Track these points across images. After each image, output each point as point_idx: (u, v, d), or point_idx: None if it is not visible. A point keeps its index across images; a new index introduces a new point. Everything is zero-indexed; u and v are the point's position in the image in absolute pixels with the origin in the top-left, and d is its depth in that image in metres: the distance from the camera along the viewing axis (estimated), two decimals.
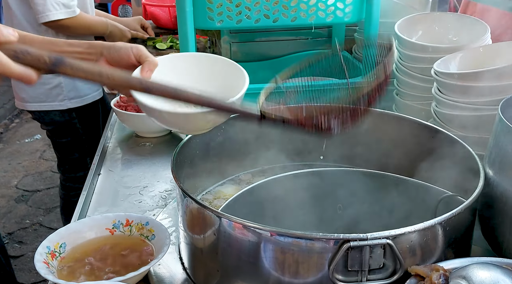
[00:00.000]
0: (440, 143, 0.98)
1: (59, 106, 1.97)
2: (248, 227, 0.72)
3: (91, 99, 2.04)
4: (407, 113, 1.14)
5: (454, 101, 1.05)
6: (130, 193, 1.13)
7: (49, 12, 1.77)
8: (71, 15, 1.82)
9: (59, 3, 1.78)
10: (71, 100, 1.98)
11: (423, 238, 0.70)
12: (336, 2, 1.26)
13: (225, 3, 1.21)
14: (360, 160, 1.10)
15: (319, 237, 0.67)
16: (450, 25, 1.29)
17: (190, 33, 1.23)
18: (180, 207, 0.84)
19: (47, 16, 1.78)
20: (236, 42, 1.64)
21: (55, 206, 3.00)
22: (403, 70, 1.27)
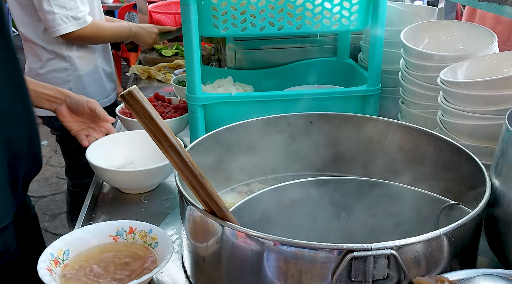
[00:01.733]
0: (446, 152, 0.98)
1: None
2: (251, 236, 0.71)
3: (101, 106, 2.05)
4: (412, 122, 1.13)
5: (460, 110, 1.04)
6: (134, 200, 1.13)
7: (59, 27, 1.79)
8: (82, 26, 1.83)
9: (68, 16, 1.79)
10: None
11: (428, 249, 0.69)
12: (342, 10, 1.25)
13: (230, 11, 1.21)
14: (364, 168, 1.10)
15: (323, 247, 0.67)
16: (457, 34, 1.28)
17: (194, 41, 1.23)
18: (183, 215, 0.84)
19: (58, 30, 1.80)
20: (241, 50, 1.64)
21: (61, 212, 3.01)
22: (409, 78, 1.26)
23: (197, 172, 0.73)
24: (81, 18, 1.82)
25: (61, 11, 1.78)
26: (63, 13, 1.78)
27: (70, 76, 1.93)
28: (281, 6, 1.22)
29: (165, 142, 0.70)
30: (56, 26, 1.79)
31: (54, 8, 1.77)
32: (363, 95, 1.35)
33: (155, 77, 2.10)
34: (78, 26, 1.82)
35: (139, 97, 0.67)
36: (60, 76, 1.92)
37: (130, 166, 1.17)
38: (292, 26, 1.26)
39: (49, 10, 1.77)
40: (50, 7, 1.76)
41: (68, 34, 1.81)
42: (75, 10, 1.80)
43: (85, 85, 1.96)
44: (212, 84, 1.56)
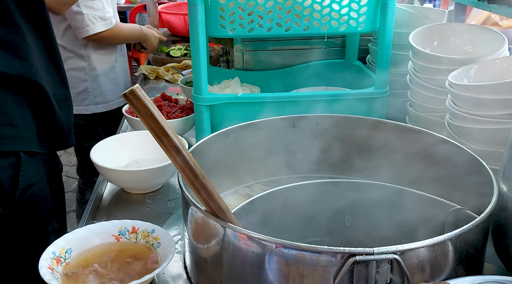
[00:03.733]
0: (453, 156, 0.96)
1: (84, 110, 2.01)
2: (253, 238, 0.70)
3: (115, 105, 2.07)
4: (420, 125, 1.12)
5: (468, 114, 1.02)
6: (138, 199, 1.13)
7: (87, 27, 1.81)
8: (109, 27, 1.86)
9: (96, 17, 1.82)
10: (96, 106, 2.02)
11: (432, 254, 0.67)
12: (350, 12, 1.24)
13: (237, 11, 1.21)
14: (370, 171, 1.08)
15: (325, 250, 0.66)
16: (467, 37, 1.26)
17: (201, 41, 1.22)
18: (185, 215, 0.83)
19: (87, 31, 1.82)
20: (248, 51, 1.63)
21: (69, 210, 3.02)
22: (417, 81, 1.25)
23: (199, 172, 0.72)
24: (107, 19, 1.85)
25: (90, 12, 1.80)
26: (91, 14, 1.81)
27: (87, 75, 1.95)
28: (289, 7, 1.21)
29: (167, 141, 0.70)
30: (84, 26, 1.81)
31: (82, 9, 1.79)
32: (370, 98, 1.33)
33: (163, 77, 2.10)
34: (105, 27, 1.85)
35: (142, 96, 0.67)
36: (78, 75, 1.94)
37: (134, 165, 1.17)
38: (299, 27, 1.25)
39: (77, 11, 1.79)
40: (78, 8, 1.79)
41: (94, 35, 1.84)
42: (102, 11, 1.83)
43: (101, 85, 1.99)
44: (219, 85, 1.55)
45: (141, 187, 1.16)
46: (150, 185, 1.16)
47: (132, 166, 1.17)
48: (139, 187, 1.16)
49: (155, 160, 1.21)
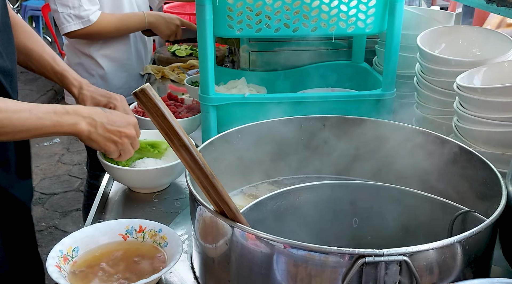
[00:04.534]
0: (461, 158, 0.96)
1: None
2: (261, 238, 0.70)
3: None
4: (427, 127, 1.11)
5: (476, 117, 1.02)
6: (145, 199, 1.13)
7: (63, 25, 1.81)
8: (86, 25, 1.81)
9: (71, 15, 1.79)
10: None
11: (441, 256, 0.67)
12: (358, 13, 1.24)
13: (245, 12, 1.21)
14: (376, 173, 1.08)
15: (334, 251, 0.66)
16: (474, 39, 1.26)
17: (209, 41, 1.23)
18: (193, 215, 0.83)
19: (62, 29, 1.82)
20: (255, 51, 1.63)
21: (71, 209, 3.03)
22: (424, 83, 1.25)
23: (208, 171, 0.72)
24: (84, 17, 1.80)
25: (64, 10, 1.78)
26: (66, 12, 1.79)
27: (94, 74, 1.95)
28: (297, 8, 1.21)
29: (177, 140, 0.70)
30: (60, 24, 1.81)
31: (58, 7, 1.78)
32: (377, 100, 1.33)
33: (169, 77, 2.10)
34: (81, 25, 1.80)
35: (152, 95, 0.67)
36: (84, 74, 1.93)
37: (142, 165, 1.17)
38: (307, 28, 1.25)
39: (54, 9, 1.79)
40: (55, 6, 1.78)
41: (73, 32, 1.82)
42: (78, 9, 1.79)
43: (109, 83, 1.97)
44: (226, 85, 1.55)
45: (148, 186, 1.16)
46: (157, 185, 1.16)
47: (139, 165, 1.17)
48: (146, 186, 1.16)
49: (163, 159, 1.21)
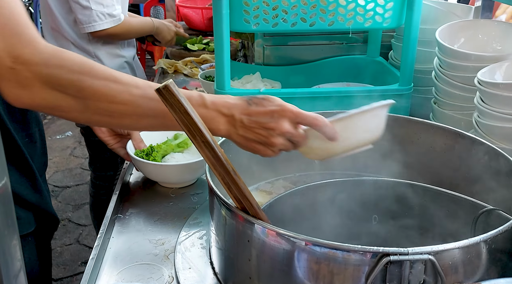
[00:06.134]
0: (481, 154, 0.94)
1: None
2: (283, 235, 0.70)
3: None
4: (445, 123, 1.10)
5: (498, 112, 1.00)
6: (161, 194, 1.13)
7: (94, 23, 1.79)
8: (116, 24, 1.84)
9: (104, 13, 1.80)
10: None
11: (467, 255, 0.66)
12: (376, 7, 1.23)
13: (262, 6, 1.20)
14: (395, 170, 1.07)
15: (357, 250, 0.65)
16: (495, 33, 1.24)
17: (225, 36, 1.22)
18: (212, 211, 0.83)
19: (93, 26, 1.80)
20: (269, 46, 1.62)
21: (84, 202, 3.05)
22: (443, 78, 1.23)
23: (230, 168, 0.72)
24: (116, 15, 1.83)
25: (98, 8, 1.78)
26: (99, 10, 1.79)
27: None
28: (314, 2, 1.20)
29: (200, 137, 0.70)
30: (91, 22, 1.79)
31: (91, 4, 1.77)
32: (394, 94, 1.32)
33: (182, 71, 2.10)
34: (113, 23, 1.82)
35: (175, 91, 0.67)
36: None
37: (172, 160, 1.16)
38: (324, 23, 1.24)
39: (86, 6, 1.78)
40: (87, 3, 1.77)
41: (100, 31, 1.82)
42: (111, 8, 1.81)
43: None
44: (240, 80, 1.55)
45: (180, 181, 1.15)
46: (188, 179, 1.16)
47: (170, 160, 1.16)
48: (178, 181, 1.15)
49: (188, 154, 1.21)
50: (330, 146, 0.78)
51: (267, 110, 0.76)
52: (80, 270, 2.46)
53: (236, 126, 0.76)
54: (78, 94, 0.71)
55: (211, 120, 0.75)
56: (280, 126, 0.76)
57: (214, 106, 0.76)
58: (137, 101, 0.72)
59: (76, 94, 0.71)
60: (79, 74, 0.70)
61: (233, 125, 0.77)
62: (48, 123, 4.29)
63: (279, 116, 0.76)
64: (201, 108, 0.75)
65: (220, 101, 0.76)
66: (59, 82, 0.70)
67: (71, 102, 0.71)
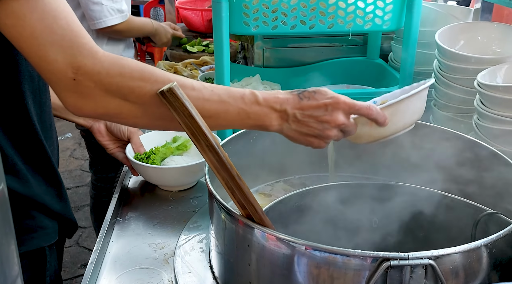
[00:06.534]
0: (481, 157, 0.94)
1: None
2: (282, 240, 0.70)
3: None
4: (445, 125, 1.10)
5: (498, 115, 1.00)
6: (161, 197, 1.13)
7: (105, 18, 1.81)
8: (124, 19, 1.86)
9: (114, 9, 1.82)
10: None
11: (467, 260, 0.66)
12: (375, 10, 1.23)
13: (262, 9, 1.20)
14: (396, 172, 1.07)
15: (357, 254, 0.65)
16: (494, 36, 1.24)
17: (225, 38, 1.22)
18: (212, 215, 0.83)
19: (104, 22, 1.82)
20: (269, 48, 1.62)
21: (84, 204, 3.04)
22: (443, 80, 1.23)
23: (235, 173, 0.71)
24: (124, 11, 1.85)
25: (109, 3, 1.81)
26: (110, 6, 1.81)
27: None
28: (314, 4, 1.20)
29: (204, 141, 0.69)
30: (102, 17, 1.81)
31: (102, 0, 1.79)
32: None
33: (182, 73, 2.09)
34: (121, 19, 1.85)
35: (180, 94, 0.66)
36: None
37: (171, 163, 1.16)
38: (324, 25, 1.23)
39: (97, 1, 1.79)
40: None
41: (109, 27, 1.83)
42: (120, 3, 1.83)
43: None
44: (240, 82, 1.54)
45: (179, 183, 1.15)
46: (188, 182, 1.16)
47: (169, 163, 1.16)
48: (177, 184, 1.15)
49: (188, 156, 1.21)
50: (378, 130, 0.81)
51: (321, 103, 0.76)
52: (79, 272, 2.45)
53: (289, 121, 0.76)
54: (139, 100, 0.71)
55: (264, 116, 0.76)
56: (335, 119, 0.76)
57: (266, 103, 0.76)
58: (195, 104, 0.71)
59: (136, 101, 0.71)
60: (139, 81, 0.70)
61: (286, 120, 0.77)
62: None
63: (333, 109, 0.76)
64: (255, 105, 0.75)
65: (271, 98, 0.76)
66: (120, 90, 0.70)
67: (131, 108, 0.71)
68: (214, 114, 0.74)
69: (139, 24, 2.01)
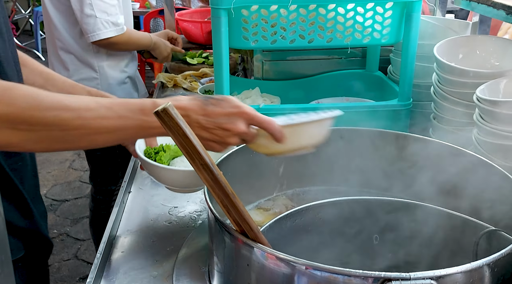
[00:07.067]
0: (482, 173, 0.94)
1: None
2: (282, 259, 0.69)
3: None
4: (444, 139, 1.10)
5: (497, 130, 1.00)
6: (160, 213, 1.12)
7: (99, 31, 1.81)
8: (120, 33, 1.85)
9: (109, 22, 1.81)
10: None
11: (469, 279, 0.66)
12: (374, 24, 1.23)
13: (261, 23, 1.20)
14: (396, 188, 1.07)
15: (359, 274, 0.64)
16: (493, 49, 1.24)
17: (224, 53, 1.22)
18: (211, 233, 0.82)
19: (98, 35, 1.81)
20: (268, 61, 1.63)
21: (82, 216, 3.03)
22: (442, 94, 1.23)
23: (230, 191, 0.71)
24: (119, 24, 1.84)
25: (103, 16, 1.80)
26: (104, 18, 1.80)
27: (99, 86, 1.94)
28: (312, 19, 1.21)
29: (198, 159, 0.69)
30: (96, 30, 1.80)
31: (96, 12, 1.78)
32: (393, 110, 1.32)
33: (181, 85, 2.10)
34: (116, 32, 1.84)
35: (174, 114, 0.66)
36: (90, 85, 1.93)
37: (181, 164, 1.12)
38: (322, 39, 1.24)
39: (90, 14, 1.79)
40: (92, 11, 1.78)
41: (103, 40, 1.83)
42: (115, 16, 1.82)
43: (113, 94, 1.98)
44: (240, 96, 1.55)
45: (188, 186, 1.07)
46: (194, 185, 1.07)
47: (178, 164, 1.12)
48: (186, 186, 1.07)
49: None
50: (276, 145, 0.85)
51: (225, 111, 0.80)
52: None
53: (192, 127, 0.76)
54: (30, 128, 0.71)
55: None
56: (237, 128, 0.80)
57: None
58: (90, 124, 0.74)
59: (28, 129, 0.71)
60: (29, 110, 0.70)
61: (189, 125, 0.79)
62: None
63: (236, 118, 0.80)
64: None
65: (175, 104, 0.77)
66: (9, 120, 0.69)
67: (23, 137, 0.71)
68: (115, 130, 0.76)
69: (136, 37, 2.00)
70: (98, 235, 2.16)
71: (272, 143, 0.84)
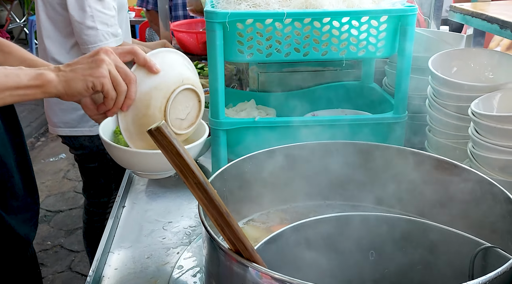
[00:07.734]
0: (477, 187, 0.93)
1: (88, 132, 1.99)
2: (277, 279, 0.68)
3: None
4: (440, 151, 1.10)
5: (493, 144, 1.00)
6: (154, 228, 1.11)
7: (100, 43, 1.81)
8: (118, 43, 1.87)
9: (109, 33, 1.83)
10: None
11: None
12: (369, 37, 1.23)
13: (256, 37, 1.20)
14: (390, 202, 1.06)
15: None
16: (487, 62, 1.25)
17: (219, 66, 1.22)
18: (206, 252, 0.81)
19: (99, 46, 1.81)
20: (264, 72, 1.63)
21: (77, 227, 3.01)
22: (437, 107, 1.23)
23: (224, 210, 0.70)
24: (118, 35, 1.85)
25: (104, 28, 1.81)
26: (105, 30, 1.81)
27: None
28: (307, 32, 1.21)
29: (192, 178, 0.69)
30: (97, 42, 1.81)
31: (97, 24, 1.79)
32: (389, 123, 1.32)
33: None
34: (116, 43, 1.85)
35: (167, 133, 0.66)
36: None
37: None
38: (318, 53, 1.24)
39: (92, 26, 1.79)
40: (93, 23, 1.78)
41: None
42: (115, 27, 1.83)
43: None
44: (235, 108, 1.54)
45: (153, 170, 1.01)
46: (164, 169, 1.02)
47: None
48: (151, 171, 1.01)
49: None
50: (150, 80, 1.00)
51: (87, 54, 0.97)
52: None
53: (61, 69, 0.95)
54: None
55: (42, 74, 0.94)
56: (99, 56, 0.94)
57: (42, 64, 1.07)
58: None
59: None
60: None
61: (59, 70, 0.95)
62: (42, 145, 4.27)
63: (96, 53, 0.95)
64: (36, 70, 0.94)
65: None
66: None
67: None
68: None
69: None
70: (92, 247, 2.15)
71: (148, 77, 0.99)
